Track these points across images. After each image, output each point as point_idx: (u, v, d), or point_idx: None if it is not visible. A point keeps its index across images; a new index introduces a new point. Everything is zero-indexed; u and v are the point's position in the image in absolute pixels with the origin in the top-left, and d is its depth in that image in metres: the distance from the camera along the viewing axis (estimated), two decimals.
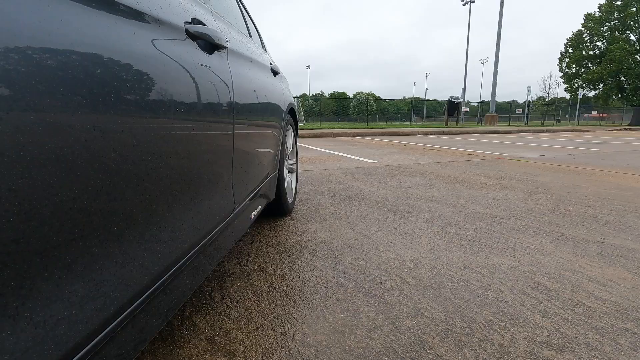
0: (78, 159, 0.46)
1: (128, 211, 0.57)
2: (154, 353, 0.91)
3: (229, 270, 1.41)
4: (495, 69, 18.39)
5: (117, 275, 0.56)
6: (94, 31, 0.49)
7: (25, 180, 0.38)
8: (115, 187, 0.53)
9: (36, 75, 0.39)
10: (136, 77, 0.57)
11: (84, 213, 0.48)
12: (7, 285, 0.37)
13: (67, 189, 0.44)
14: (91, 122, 0.47)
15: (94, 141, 0.48)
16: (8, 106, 0.36)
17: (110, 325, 0.55)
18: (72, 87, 0.44)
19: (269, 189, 1.72)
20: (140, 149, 0.58)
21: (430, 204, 2.46)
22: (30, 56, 0.39)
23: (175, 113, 0.69)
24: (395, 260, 1.50)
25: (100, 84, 0.49)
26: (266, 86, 1.49)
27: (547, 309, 1.12)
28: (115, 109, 0.52)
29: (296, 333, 0.99)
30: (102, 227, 0.52)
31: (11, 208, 0.37)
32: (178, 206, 0.73)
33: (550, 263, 1.47)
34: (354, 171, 3.91)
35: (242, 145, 1.12)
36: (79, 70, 0.45)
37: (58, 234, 0.44)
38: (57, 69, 0.42)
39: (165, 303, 0.74)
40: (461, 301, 1.17)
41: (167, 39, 0.67)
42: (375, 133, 11.17)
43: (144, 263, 0.62)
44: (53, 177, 0.42)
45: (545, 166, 4.35)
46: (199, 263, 0.90)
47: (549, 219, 2.11)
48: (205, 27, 0.83)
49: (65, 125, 0.44)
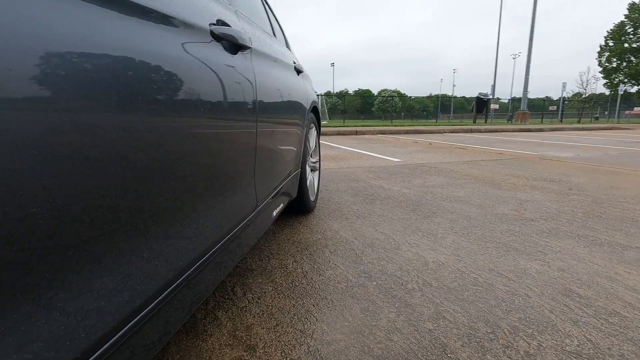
0: (107, 159, 0.48)
1: (153, 209, 0.59)
2: (178, 345, 0.94)
3: (251, 266, 1.43)
4: (527, 63, 17.60)
5: (143, 270, 0.58)
6: (125, 35, 0.51)
7: (59, 179, 0.41)
8: (142, 186, 0.56)
9: (68, 78, 0.42)
10: (163, 79, 0.59)
11: (112, 210, 0.50)
12: (42, 277, 0.40)
13: (97, 188, 0.46)
14: (119, 123, 0.50)
15: (121, 141, 0.50)
16: (44, 106, 0.38)
17: (137, 317, 0.58)
18: (102, 89, 0.46)
19: (291, 187, 1.74)
20: (165, 149, 0.60)
21: (455, 204, 2.40)
22: (64, 61, 0.41)
23: (200, 112, 0.71)
24: (417, 261, 1.47)
25: (128, 85, 0.51)
26: (289, 85, 1.50)
27: (578, 317, 1.06)
28: (140, 109, 0.54)
29: (315, 331, 1.00)
30: (129, 224, 0.54)
31: (47, 205, 0.39)
32: (202, 204, 0.76)
33: (583, 269, 1.40)
34: (377, 170, 3.88)
35: (264, 143, 1.13)
36: (108, 74, 0.47)
37: (88, 230, 0.46)
38: (89, 71, 0.44)
39: (189, 297, 0.76)
40: (485, 305, 1.13)
41: (193, 41, 0.69)
42: (400, 131, 11.00)
43: (169, 258, 0.65)
44: (84, 176, 0.44)
45: (580, 166, 4.14)
46: (221, 259, 0.92)
47: (582, 222, 2.01)
48: (230, 28, 0.85)
49: (96, 126, 0.46)
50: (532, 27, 17.22)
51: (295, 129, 1.62)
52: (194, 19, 0.70)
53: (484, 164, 4.30)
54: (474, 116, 17.72)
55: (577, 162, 4.54)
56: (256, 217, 1.16)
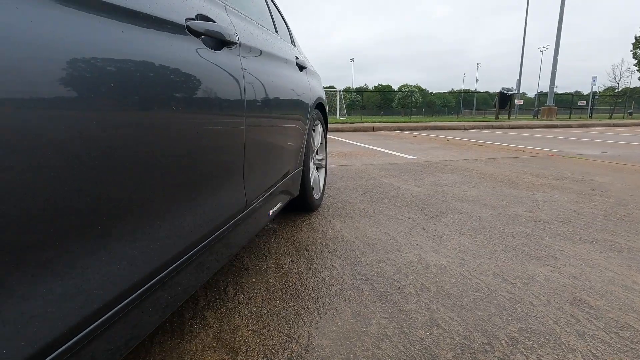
0: (72, 154, 0.46)
1: (120, 206, 0.58)
2: (162, 345, 0.94)
3: (247, 265, 1.42)
4: (554, 56, 16.80)
5: (106, 271, 0.57)
6: (89, 33, 0.49)
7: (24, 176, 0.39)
8: (107, 182, 0.54)
9: (35, 76, 0.41)
10: (126, 76, 0.57)
11: (73, 206, 0.48)
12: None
13: (61, 184, 0.45)
14: (83, 119, 0.48)
15: (86, 137, 0.48)
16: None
17: (99, 320, 0.56)
18: (63, 88, 0.45)
19: (292, 186, 1.71)
20: (134, 145, 0.59)
21: (466, 204, 2.32)
22: (23, 60, 0.40)
23: (174, 110, 0.69)
24: (418, 264, 1.42)
25: (94, 83, 0.49)
26: (288, 81, 1.46)
27: (585, 330, 0.99)
28: (106, 106, 0.52)
29: (301, 336, 0.97)
30: (91, 221, 0.52)
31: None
32: (177, 203, 0.74)
33: (597, 276, 1.31)
34: (390, 167, 3.80)
35: (255, 142, 1.10)
36: (69, 73, 0.45)
37: (36, 233, 0.44)
38: (50, 72, 0.43)
39: (163, 299, 0.75)
40: (485, 314, 1.07)
41: (165, 37, 0.67)
42: (418, 127, 10.79)
43: (135, 261, 0.63)
44: (48, 171, 0.43)
45: (606, 165, 3.92)
46: (204, 260, 0.90)
47: (602, 225, 1.89)
48: (211, 23, 0.82)
49: (56, 122, 0.44)
50: (561, 18, 16.42)
51: (295, 126, 1.59)
52: (166, 14, 0.68)
53: (502, 162, 4.14)
54: (496, 112, 17.14)
55: (603, 160, 4.30)
56: (247, 217, 1.14)
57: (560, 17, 16.29)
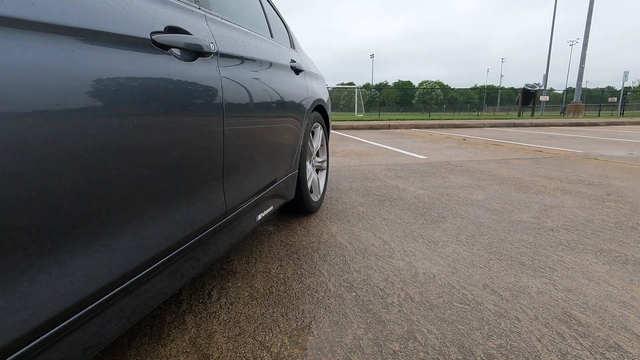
0: (39, 157, 0.49)
1: (74, 211, 0.59)
2: (138, 348, 0.96)
3: (236, 269, 1.43)
4: (583, 51, 16.04)
5: (57, 280, 0.58)
6: (22, 55, 0.51)
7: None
8: (71, 186, 0.56)
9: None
10: (79, 89, 0.58)
11: (24, 212, 0.50)
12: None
13: (25, 186, 0.47)
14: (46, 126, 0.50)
15: (49, 142, 0.50)
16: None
17: (54, 328, 0.58)
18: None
19: (286, 189, 1.71)
20: (94, 153, 0.60)
21: (470, 208, 2.26)
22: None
23: (135, 118, 0.70)
24: (407, 272, 1.40)
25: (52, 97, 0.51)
26: (277, 86, 1.46)
27: (569, 349, 0.95)
28: (61, 118, 0.54)
29: (275, 344, 0.98)
30: (47, 224, 0.54)
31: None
32: (143, 211, 0.75)
33: (594, 290, 1.25)
34: (398, 167, 3.75)
35: (236, 149, 1.11)
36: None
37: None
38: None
39: (129, 307, 0.77)
40: (465, 327, 1.04)
41: (124, 53, 0.68)
42: (435, 125, 10.58)
43: (94, 269, 0.65)
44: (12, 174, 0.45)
45: (629, 167, 3.73)
46: (178, 267, 0.92)
47: (611, 234, 1.80)
48: (180, 35, 0.83)
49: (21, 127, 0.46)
50: (590, 11, 15.65)
51: (288, 129, 1.59)
52: (125, 30, 0.69)
53: (516, 163, 4.01)
54: (519, 109, 16.55)
55: (627, 162, 4.09)
56: (229, 223, 1.16)
57: (589, 10, 15.52)
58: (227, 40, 1.10)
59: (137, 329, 1.05)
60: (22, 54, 0.50)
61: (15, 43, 0.50)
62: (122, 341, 0.99)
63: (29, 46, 0.52)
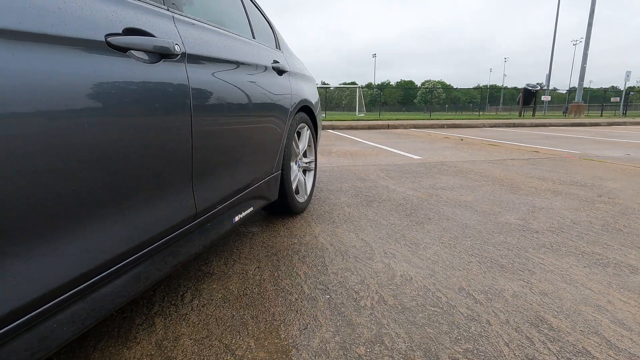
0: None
1: (16, 211, 0.59)
2: (103, 350, 0.96)
3: (214, 270, 1.43)
4: (585, 51, 15.93)
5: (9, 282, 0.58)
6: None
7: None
8: (18, 186, 0.56)
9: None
10: (31, 91, 0.58)
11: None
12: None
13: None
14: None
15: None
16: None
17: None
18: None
19: (267, 190, 1.71)
20: (47, 150, 0.60)
21: (457, 209, 2.24)
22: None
23: (91, 118, 0.70)
24: (384, 274, 1.39)
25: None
26: (256, 87, 1.46)
27: (536, 354, 0.94)
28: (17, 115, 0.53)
29: (240, 347, 0.97)
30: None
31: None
32: (102, 212, 0.75)
33: (571, 294, 1.24)
34: (392, 168, 3.74)
35: (207, 151, 1.11)
36: None
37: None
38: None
39: (84, 311, 0.76)
40: (435, 331, 1.04)
41: (75, 56, 0.68)
42: (435, 125, 10.55)
43: (40, 272, 0.64)
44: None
45: (624, 168, 3.70)
46: (142, 270, 0.92)
47: (596, 236, 1.78)
48: (137, 37, 0.83)
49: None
50: (592, 11, 15.54)
51: (268, 130, 1.58)
52: (77, 33, 0.69)
53: (511, 164, 3.98)
54: (520, 109, 16.47)
55: (623, 162, 4.06)
56: (201, 225, 1.15)
57: (591, 10, 15.42)
58: (198, 41, 1.10)
59: (105, 331, 1.05)
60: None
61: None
62: (88, 343, 0.99)
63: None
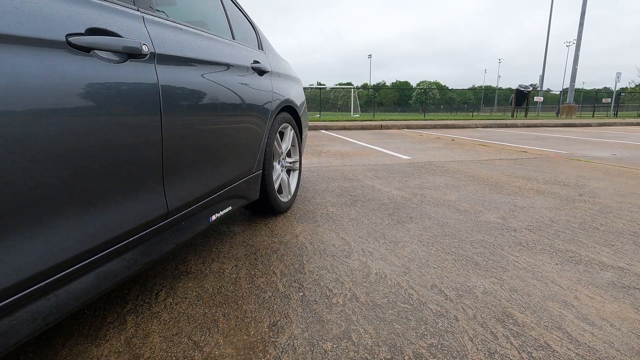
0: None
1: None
2: (72, 348, 0.97)
3: (191, 269, 1.44)
4: (576, 52, 16.10)
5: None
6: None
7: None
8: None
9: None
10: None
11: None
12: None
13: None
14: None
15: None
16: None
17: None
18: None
19: (247, 190, 1.72)
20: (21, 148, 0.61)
21: (439, 208, 2.27)
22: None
23: (54, 120, 0.71)
24: (359, 272, 1.40)
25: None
26: (233, 87, 1.47)
27: (498, 348, 0.96)
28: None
29: (208, 344, 0.98)
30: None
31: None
32: (62, 211, 0.76)
33: (540, 290, 1.26)
34: (380, 168, 3.76)
35: (179, 150, 1.12)
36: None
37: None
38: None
39: (45, 308, 0.77)
40: (402, 327, 1.05)
41: (30, 56, 0.68)
42: (428, 125, 10.60)
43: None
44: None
45: (608, 168, 3.75)
46: (110, 267, 0.93)
47: (572, 234, 1.81)
48: (101, 37, 0.84)
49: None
50: (583, 13, 15.72)
51: (246, 130, 1.59)
52: (34, 33, 0.69)
53: (498, 164, 4.03)
54: (512, 110, 16.60)
55: (608, 162, 4.12)
56: (173, 224, 1.16)
57: (582, 12, 15.59)
58: (169, 42, 1.11)
59: (76, 329, 1.05)
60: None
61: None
62: (57, 341, 0.99)
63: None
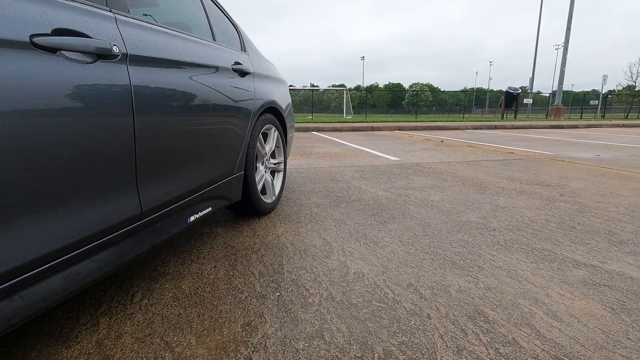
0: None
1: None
2: (41, 350, 0.96)
3: (170, 270, 1.44)
4: (564, 55, 16.38)
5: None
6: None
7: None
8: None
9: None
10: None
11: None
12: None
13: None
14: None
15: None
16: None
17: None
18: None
19: (229, 191, 1.72)
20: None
21: (422, 209, 2.29)
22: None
23: (17, 121, 0.71)
24: (337, 272, 1.42)
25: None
26: (212, 88, 1.47)
27: (467, 345, 0.98)
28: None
29: (180, 344, 0.98)
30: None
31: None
32: (25, 212, 0.75)
33: (513, 288, 1.29)
34: (367, 169, 3.78)
35: (153, 151, 1.12)
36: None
37: None
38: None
39: (10, 309, 0.76)
40: (375, 326, 1.07)
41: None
42: (418, 127, 10.68)
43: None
44: None
45: (591, 169, 3.82)
46: (80, 268, 0.92)
47: (549, 233, 1.85)
48: (67, 37, 0.83)
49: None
50: (570, 16, 16.00)
51: (225, 131, 1.60)
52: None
53: (484, 165, 4.08)
54: (502, 112, 16.83)
55: (591, 163, 4.20)
56: (148, 225, 1.16)
57: (569, 15, 15.88)
58: (143, 42, 1.11)
59: (47, 331, 1.04)
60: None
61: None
62: (27, 343, 0.99)
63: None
